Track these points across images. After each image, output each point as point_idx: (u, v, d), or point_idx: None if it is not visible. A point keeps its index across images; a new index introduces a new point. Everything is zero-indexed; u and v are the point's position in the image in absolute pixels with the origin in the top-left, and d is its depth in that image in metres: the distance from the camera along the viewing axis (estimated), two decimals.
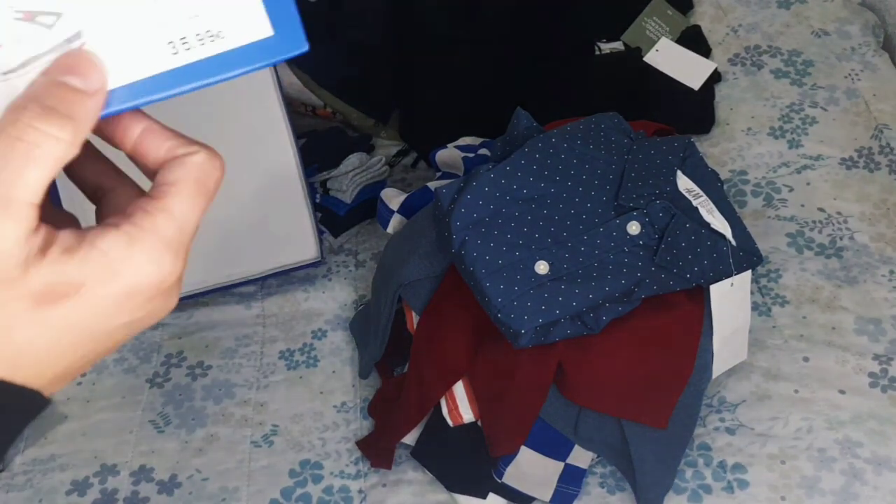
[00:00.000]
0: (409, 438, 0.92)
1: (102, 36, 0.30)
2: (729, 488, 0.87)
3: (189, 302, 1.10)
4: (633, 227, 0.81)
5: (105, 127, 0.32)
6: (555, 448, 0.86)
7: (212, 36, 0.31)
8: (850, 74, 1.23)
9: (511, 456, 0.86)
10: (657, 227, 0.82)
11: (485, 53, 1.22)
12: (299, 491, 0.92)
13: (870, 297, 1.00)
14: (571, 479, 0.87)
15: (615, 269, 0.80)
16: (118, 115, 0.32)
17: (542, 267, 0.79)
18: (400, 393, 0.91)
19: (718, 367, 0.89)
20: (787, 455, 0.88)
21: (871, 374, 0.93)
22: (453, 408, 0.87)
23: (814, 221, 1.08)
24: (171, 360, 1.06)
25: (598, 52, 1.26)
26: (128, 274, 0.30)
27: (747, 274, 0.86)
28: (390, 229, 0.99)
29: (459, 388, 0.87)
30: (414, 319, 0.91)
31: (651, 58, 1.25)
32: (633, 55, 1.25)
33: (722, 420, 0.92)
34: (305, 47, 0.32)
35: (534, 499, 0.88)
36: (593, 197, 0.84)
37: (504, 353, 0.82)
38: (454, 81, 1.22)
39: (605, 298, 0.79)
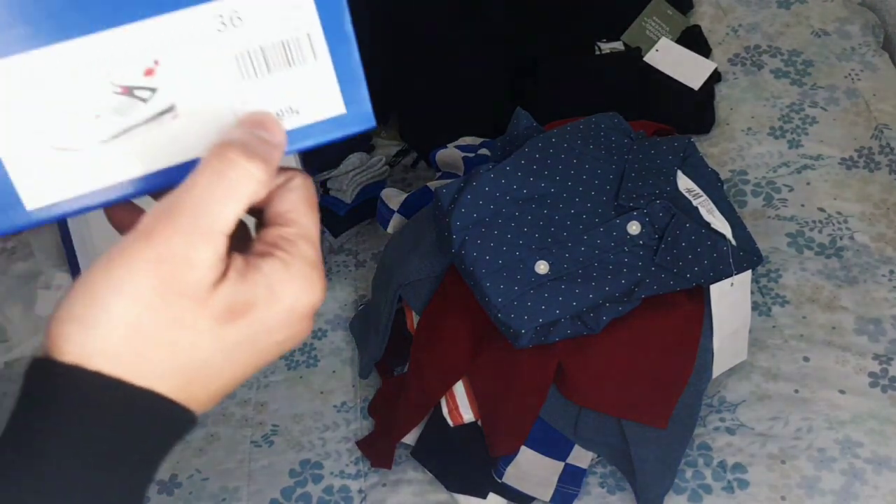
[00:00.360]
0: (410, 438, 0.92)
1: (193, 110, 0.33)
2: (729, 488, 0.87)
3: None
4: (634, 227, 0.81)
5: None
6: (555, 448, 0.86)
7: (291, 112, 0.35)
8: (850, 74, 1.22)
9: (511, 456, 0.86)
10: (657, 226, 0.82)
11: (485, 53, 1.22)
12: (299, 491, 0.92)
13: (870, 297, 1.00)
14: (571, 479, 0.87)
15: (615, 269, 0.80)
16: None
17: (542, 267, 0.79)
18: (400, 393, 0.91)
19: (718, 367, 0.89)
20: (787, 455, 0.88)
21: (871, 374, 0.93)
22: (453, 408, 0.87)
23: (814, 221, 1.08)
24: None
25: (598, 52, 1.26)
26: (288, 295, 0.33)
27: (747, 274, 0.85)
28: (390, 229, 0.99)
29: (459, 388, 0.87)
30: (414, 319, 0.91)
31: (651, 58, 1.25)
32: (633, 55, 1.25)
33: (722, 420, 0.92)
34: (374, 124, 0.36)
35: (534, 499, 0.88)
36: (593, 197, 0.84)
37: (504, 353, 0.82)
38: (454, 81, 1.22)
39: (606, 298, 0.79)
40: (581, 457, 0.88)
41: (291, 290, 0.33)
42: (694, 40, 1.28)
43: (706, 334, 0.85)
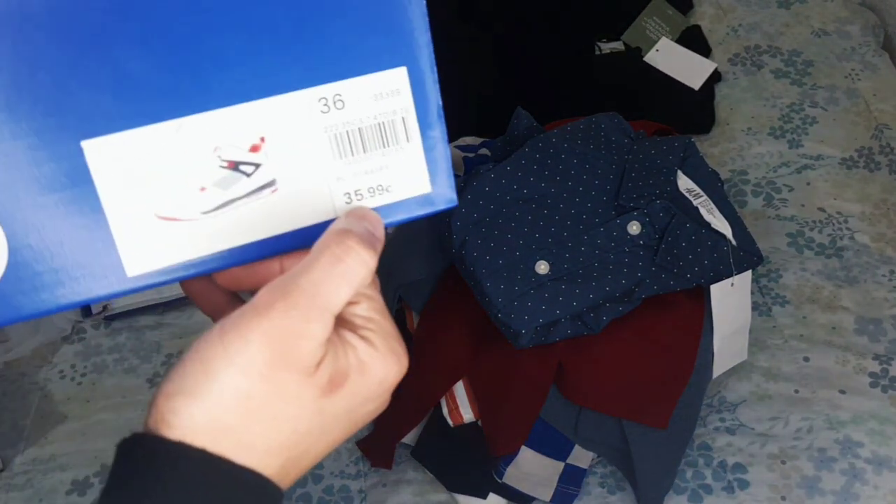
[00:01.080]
0: (410, 438, 0.92)
1: (291, 185, 0.35)
2: (729, 488, 0.87)
3: (190, 302, 1.10)
4: (634, 227, 0.81)
5: (284, 261, 0.37)
6: (555, 448, 0.86)
7: (381, 190, 0.37)
8: (850, 74, 1.22)
9: (511, 456, 0.86)
10: (657, 227, 0.82)
11: (485, 53, 1.22)
12: (299, 491, 0.92)
13: (870, 297, 1.00)
14: (572, 479, 0.87)
15: (615, 269, 0.80)
16: (297, 252, 0.36)
17: (542, 267, 0.79)
18: (400, 393, 0.91)
19: (719, 367, 0.89)
20: (787, 455, 0.88)
21: (872, 374, 0.93)
22: (454, 408, 0.87)
23: (814, 221, 1.08)
24: (171, 359, 1.06)
25: (598, 52, 1.26)
26: (379, 369, 0.34)
27: (747, 274, 0.85)
28: (390, 229, 0.99)
29: (460, 388, 0.87)
30: (414, 319, 0.91)
31: (651, 58, 1.25)
32: (634, 55, 1.25)
33: (722, 420, 0.92)
34: (456, 203, 0.38)
35: (534, 499, 0.88)
36: (593, 197, 0.84)
37: (504, 353, 0.82)
38: (454, 81, 1.21)
39: (606, 298, 0.79)
40: (581, 457, 0.88)
41: (381, 365, 0.34)
42: (694, 40, 1.28)
43: (706, 334, 0.85)
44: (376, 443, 0.93)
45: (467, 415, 0.87)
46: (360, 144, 0.35)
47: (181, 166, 0.33)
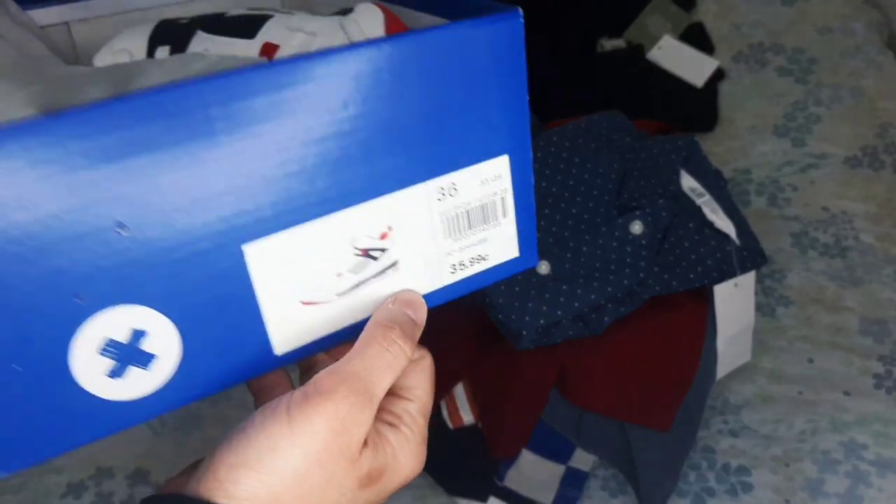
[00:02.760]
0: None
1: (410, 263, 0.39)
2: (732, 491, 0.86)
3: None
4: (636, 227, 0.80)
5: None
6: (556, 451, 0.86)
7: (480, 259, 0.41)
8: (854, 72, 1.21)
9: (512, 459, 0.85)
10: (660, 226, 0.81)
11: None
12: None
13: (874, 298, 0.99)
14: (573, 483, 0.86)
15: (617, 270, 0.79)
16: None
17: (543, 267, 0.78)
18: None
19: (722, 369, 0.88)
20: (791, 457, 0.87)
21: (876, 376, 0.92)
22: (453, 410, 0.86)
23: (818, 221, 1.07)
24: None
25: (600, 50, 1.25)
26: (408, 467, 0.37)
27: (751, 274, 0.85)
28: None
29: (459, 391, 0.86)
30: None
31: (654, 55, 1.24)
32: (636, 53, 1.24)
33: (726, 422, 0.91)
34: (537, 263, 0.43)
35: (535, 502, 0.87)
36: (595, 196, 0.83)
37: (505, 354, 0.81)
38: None
39: (608, 299, 0.78)
40: (583, 460, 0.87)
41: (411, 463, 0.37)
42: (697, 38, 1.27)
43: (710, 335, 0.84)
44: None
45: (467, 417, 0.86)
46: (467, 223, 0.40)
47: (322, 257, 0.37)
